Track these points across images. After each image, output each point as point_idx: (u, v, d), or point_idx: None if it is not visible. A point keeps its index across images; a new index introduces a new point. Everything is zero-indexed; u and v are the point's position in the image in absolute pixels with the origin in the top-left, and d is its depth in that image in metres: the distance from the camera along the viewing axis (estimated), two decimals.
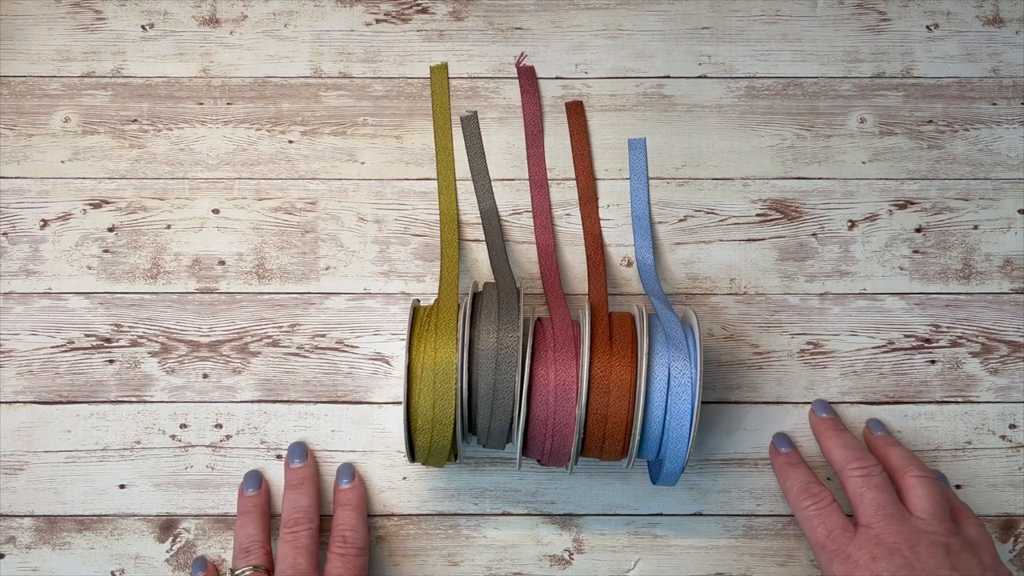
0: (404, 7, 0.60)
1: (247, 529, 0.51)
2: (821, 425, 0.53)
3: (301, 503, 0.51)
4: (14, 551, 0.53)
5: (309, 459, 0.53)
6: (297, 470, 0.53)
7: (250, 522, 0.52)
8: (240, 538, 0.51)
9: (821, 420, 0.54)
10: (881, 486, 0.48)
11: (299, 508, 0.51)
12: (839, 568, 0.47)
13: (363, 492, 0.53)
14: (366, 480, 0.54)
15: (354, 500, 0.52)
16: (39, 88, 0.58)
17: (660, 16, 0.60)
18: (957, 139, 0.58)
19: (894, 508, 0.47)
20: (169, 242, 0.57)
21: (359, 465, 0.55)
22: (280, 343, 0.56)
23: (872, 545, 0.46)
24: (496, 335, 0.47)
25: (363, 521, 0.51)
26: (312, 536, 0.50)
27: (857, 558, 0.46)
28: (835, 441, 0.51)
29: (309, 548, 0.49)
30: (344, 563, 0.49)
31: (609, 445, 0.48)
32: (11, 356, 0.55)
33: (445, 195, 0.57)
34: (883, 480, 0.49)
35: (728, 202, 0.57)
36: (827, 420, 0.54)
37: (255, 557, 0.50)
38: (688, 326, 0.49)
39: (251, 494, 0.53)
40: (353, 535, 0.50)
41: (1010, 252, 0.57)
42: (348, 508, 0.52)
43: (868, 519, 0.47)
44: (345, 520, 0.51)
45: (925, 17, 0.60)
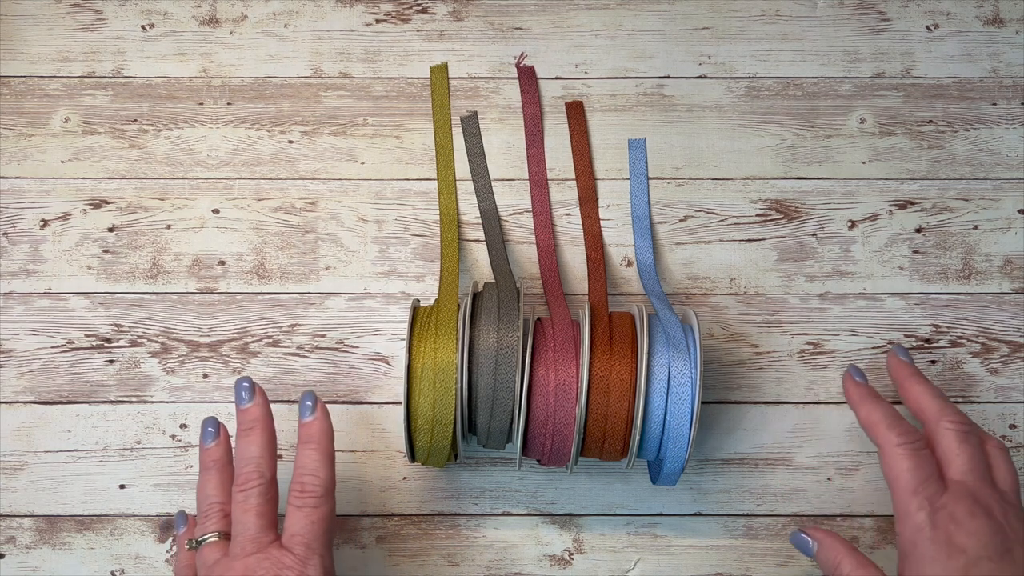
0: (404, 7, 0.60)
1: (205, 489, 0.46)
2: (905, 370, 0.50)
3: (250, 453, 0.44)
4: (14, 551, 0.53)
5: (258, 396, 0.46)
6: (245, 411, 0.45)
7: (208, 480, 0.46)
8: (199, 500, 0.46)
9: (904, 365, 0.51)
10: (976, 446, 0.46)
11: (248, 460, 0.44)
12: (932, 518, 0.44)
13: (326, 426, 0.45)
14: (365, 480, 0.54)
15: (315, 436, 0.44)
16: (39, 88, 0.58)
17: (660, 16, 0.60)
18: (957, 139, 0.58)
19: (984, 470, 0.46)
20: (169, 242, 0.57)
21: (358, 466, 0.55)
22: (280, 343, 0.56)
23: (970, 502, 0.44)
24: (496, 335, 0.47)
25: (325, 462, 0.44)
26: (263, 493, 0.43)
27: (954, 511, 0.44)
28: (924, 388, 0.49)
29: (260, 508, 0.43)
30: (301, 516, 0.43)
31: (609, 445, 0.48)
32: (11, 356, 0.55)
33: (445, 195, 0.57)
34: (978, 440, 0.47)
35: (728, 202, 0.57)
36: (910, 366, 0.51)
37: (213, 522, 0.44)
38: (688, 326, 0.49)
39: (209, 446, 0.47)
40: (313, 480, 0.43)
41: (1010, 252, 0.57)
42: (309, 447, 0.44)
43: (963, 475, 0.45)
44: (304, 463, 0.44)
45: (925, 17, 0.60)
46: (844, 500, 0.54)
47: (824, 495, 0.54)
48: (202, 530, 0.44)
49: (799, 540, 0.49)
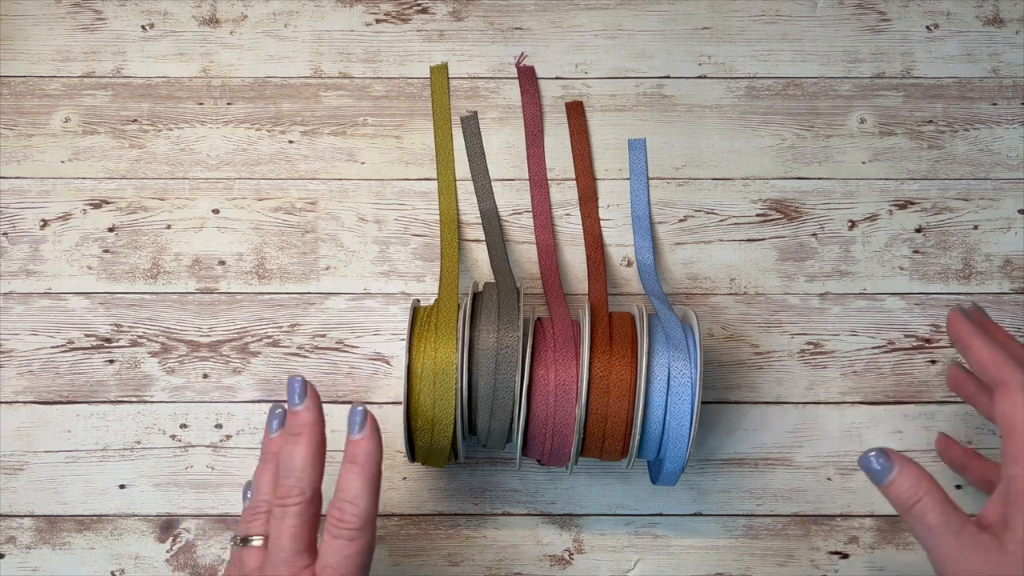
0: (404, 7, 0.60)
1: (259, 482, 0.42)
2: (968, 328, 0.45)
3: (293, 464, 0.41)
4: (14, 551, 0.53)
5: (309, 399, 0.42)
6: (295, 414, 0.42)
7: (264, 473, 0.43)
8: (252, 490, 0.43)
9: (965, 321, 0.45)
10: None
11: (289, 471, 0.40)
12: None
13: (372, 447, 0.40)
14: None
15: (361, 458, 0.40)
16: (39, 88, 0.58)
17: (660, 16, 0.60)
18: (957, 139, 0.58)
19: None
20: (169, 242, 0.57)
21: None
22: (280, 343, 0.56)
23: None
24: (496, 335, 0.47)
25: (367, 490, 0.40)
26: (300, 514, 0.40)
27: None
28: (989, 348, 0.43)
29: (295, 531, 0.39)
30: (336, 548, 0.39)
31: (609, 445, 0.48)
32: (11, 356, 0.55)
33: (445, 195, 0.57)
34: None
35: (728, 202, 0.57)
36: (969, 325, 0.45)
37: (259, 524, 0.41)
38: (688, 326, 0.49)
39: (272, 435, 0.43)
40: (352, 510, 0.39)
41: (1010, 252, 0.57)
42: (352, 470, 0.40)
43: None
44: (345, 487, 0.40)
45: (925, 17, 0.60)
46: (844, 500, 0.54)
47: (824, 495, 0.54)
48: (246, 530, 0.42)
49: (873, 463, 0.41)
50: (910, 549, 0.54)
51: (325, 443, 0.42)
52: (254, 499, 0.42)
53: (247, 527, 0.42)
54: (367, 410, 0.41)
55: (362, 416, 0.41)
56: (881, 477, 0.41)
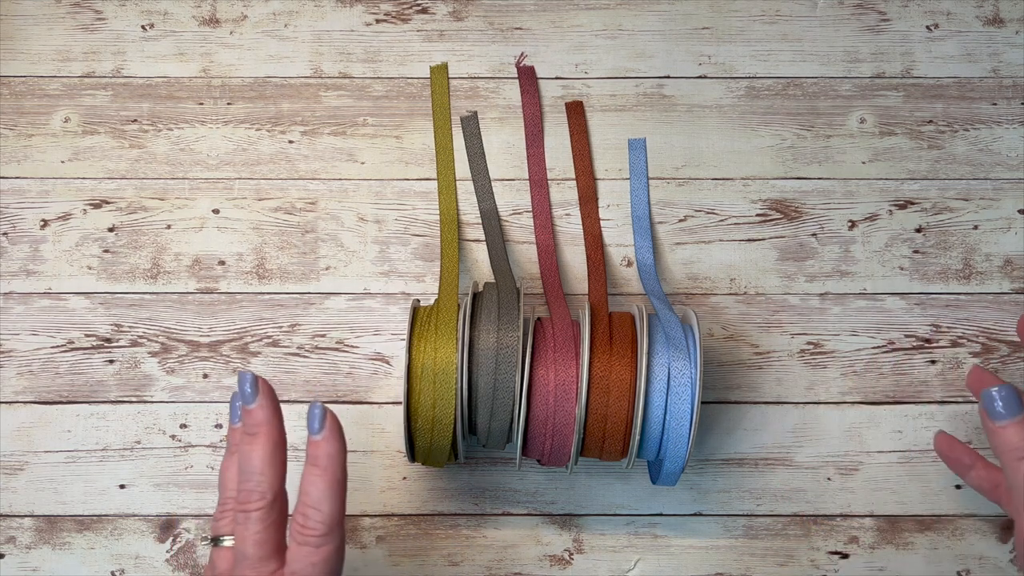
0: (404, 7, 0.60)
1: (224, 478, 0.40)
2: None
3: (251, 466, 0.38)
4: (14, 551, 0.53)
5: (262, 396, 0.39)
6: (249, 412, 0.39)
7: (229, 468, 0.41)
8: (220, 486, 0.41)
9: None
10: None
11: (248, 474, 0.38)
12: None
13: (334, 448, 0.38)
14: (365, 480, 0.54)
15: (322, 460, 0.38)
16: (39, 88, 0.58)
17: (660, 16, 0.60)
18: (957, 139, 0.58)
19: None
20: (169, 242, 0.57)
21: (358, 466, 0.55)
22: (280, 343, 0.56)
23: None
24: (496, 335, 0.47)
25: (331, 493, 0.38)
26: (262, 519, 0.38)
27: None
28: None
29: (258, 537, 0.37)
30: (302, 555, 0.37)
31: (609, 445, 0.48)
32: (11, 356, 0.55)
33: (445, 195, 0.57)
34: None
35: (728, 202, 0.57)
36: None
37: (226, 524, 0.39)
38: (688, 326, 0.49)
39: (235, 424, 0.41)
40: (315, 516, 0.37)
41: (1010, 252, 0.57)
42: (314, 473, 0.38)
43: None
44: (308, 490, 0.38)
45: (925, 17, 0.60)
46: (844, 500, 0.54)
47: (824, 495, 0.54)
48: (217, 529, 0.40)
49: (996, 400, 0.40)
50: (910, 549, 0.54)
51: (284, 440, 0.39)
52: (222, 495, 0.41)
53: (217, 526, 0.40)
54: (327, 408, 0.39)
55: (321, 415, 0.38)
56: (999, 416, 0.40)
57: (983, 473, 0.49)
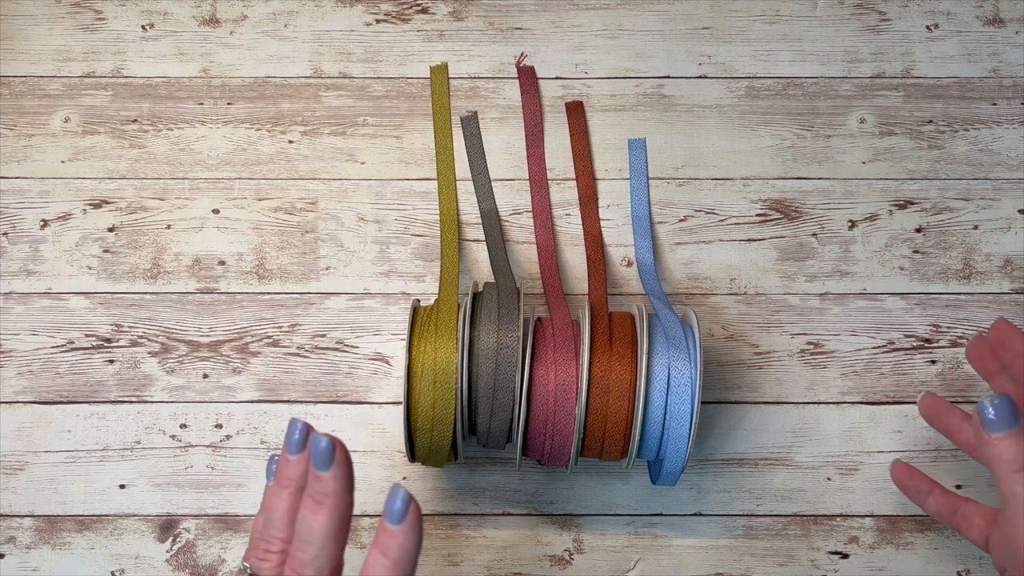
0: (404, 7, 0.60)
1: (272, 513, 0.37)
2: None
3: (313, 535, 0.35)
4: (14, 551, 0.53)
5: (338, 467, 0.35)
6: (321, 480, 0.35)
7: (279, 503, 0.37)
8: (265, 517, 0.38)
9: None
10: None
11: (308, 543, 0.35)
12: None
13: (415, 542, 0.34)
14: (365, 480, 0.54)
15: (395, 551, 0.34)
16: (39, 88, 0.58)
17: (660, 16, 0.60)
18: (957, 139, 0.58)
19: None
20: (169, 242, 0.57)
21: (358, 466, 0.55)
22: (280, 343, 0.56)
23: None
24: (496, 335, 0.47)
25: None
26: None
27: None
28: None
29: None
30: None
31: (609, 445, 0.48)
32: (11, 356, 0.55)
33: (445, 195, 0.57)
34: None
35: (728, 202, 0.57)
36: None
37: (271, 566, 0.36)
38: (688, 326, 0.49)
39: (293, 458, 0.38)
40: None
41: (1010, 252, 0.57)
42: (383, 562, 0.34)
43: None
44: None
45: (925, 17, 0.60)
46: (844, 500, 0.54)
47: (824, 495, 0.54)
48: (258, 567, 0.37)
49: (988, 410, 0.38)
50: (910, 549, 0.54)
51: (351, 514, 0.36)
52: (269, 529, 0.37)
53: (259, 564, 0.37)
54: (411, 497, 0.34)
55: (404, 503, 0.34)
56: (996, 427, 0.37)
57: (941, 499, 0.46)
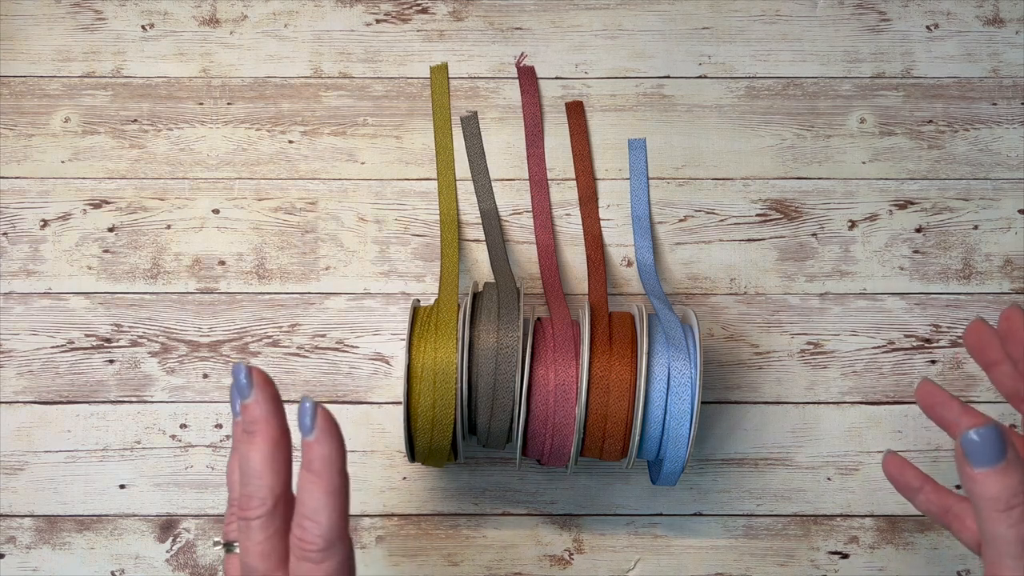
0: (404, 7, 0.60)
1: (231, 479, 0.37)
2: None
3: (251, 467, 0.34)
4: (14, 551, 0.53)
5: (258, 391, 0.34)
6: (247, 408, 0.34)
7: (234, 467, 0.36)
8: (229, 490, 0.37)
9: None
10: None
11: (248, 477, 0.34)
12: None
13: (332, 448, 0.33)
14: (365, 480, 0.54)
15: (316, 463, 0.33)
16: (39, 88, 0.58)
17: (660, 16, 0.60)
18: (957, 139, 0.58)
19: None
20: (169, 242, 0.57)
21: (358, 466, 0.55)
22: (280, 343, 0.56)
23: None
24: (496, 335, 0.47)
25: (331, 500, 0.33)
26: (266, 526, 0.34)
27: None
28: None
29: (261, 547, 0.34)
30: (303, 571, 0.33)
31: (609, 445, 0.48)
32: (11, 356, 0.55)
33: (445, 195, 0.57)
34: None
35: (728, 202, 0.57)
36: None
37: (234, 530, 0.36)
38: (688, 326, 0.49)
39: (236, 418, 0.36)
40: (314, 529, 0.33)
41: (1010, 252, 0.57)
42: (308, 479, 0.33)
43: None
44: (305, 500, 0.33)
45: (925, 17, 0.60)
46: (844, 500, 0.54)
47: (824, 495, 0.54)
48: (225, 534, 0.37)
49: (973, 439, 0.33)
50: (910, 549, 0.54)
51: (286, 437, 0.35)
52: (230, 496, 0.37)
53: (227, 531, 0.37)
54: (318, 405, 0.33)
55: (311, 412, 0.33)
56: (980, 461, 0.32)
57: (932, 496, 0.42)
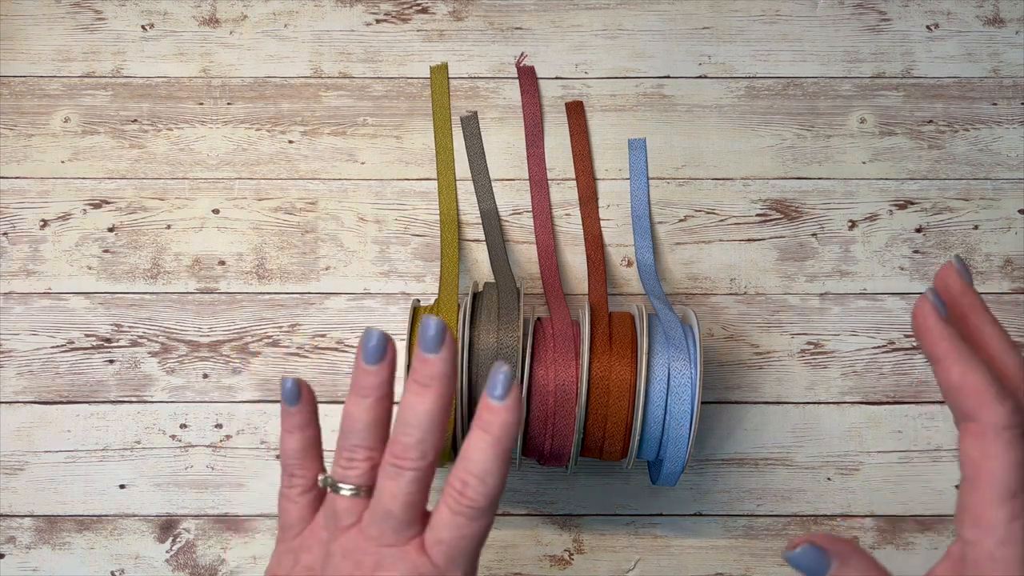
0: (404, 7, 0.60)
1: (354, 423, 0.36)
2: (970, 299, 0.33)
3: (417, 419, 0.34)
4: (14, 551, 0.53)
5: (447, 348, 0.34)
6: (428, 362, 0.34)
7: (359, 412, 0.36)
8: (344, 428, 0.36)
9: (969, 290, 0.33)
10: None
11: (412, 427, 0.34)
12: None
13: (518, 418, 0.34)
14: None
15: (497, 428, 0.33)
16: (39, 88, 0.58)
17: (660, 16, 0.60)
18: (957, 139, 0.58)
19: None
20: (169, 242, 0.57)
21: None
22: (280, 343, 0.56)
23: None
24: (496, 335, 0.47)
25: (499, 465, 0.33)
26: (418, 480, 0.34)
27: None
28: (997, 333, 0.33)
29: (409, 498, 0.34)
30: (454, 525, 0.34)
31: (609, 445, 0.48)
32: (11, 356, 0.55)
33: (445, 195, 0.57)
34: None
35: (728, 202, 0.57)
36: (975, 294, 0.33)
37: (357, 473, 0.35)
38: (688, 326, 0.49)
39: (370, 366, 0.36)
40: (478, 488, 0.33)
41: (1010, 252, 0.57)
42: (485, 439, 0.33)
43: None
44: (474, 456, 0.33)
45: (925, 17, 0.60)
46: (844, 500, 0.54)
47: (824, 495, 0.54)
48: (342, 475, 0.36)
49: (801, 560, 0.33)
50: (910, 549, 0.54)
51: (452, 401, 0.35)
52: (349, 439, 0.36)
53: (344, 472, 0.36)
54: (515, 375, 0.33)
55: (507, 381, 0.33)
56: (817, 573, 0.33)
57: None
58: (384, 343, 0.35)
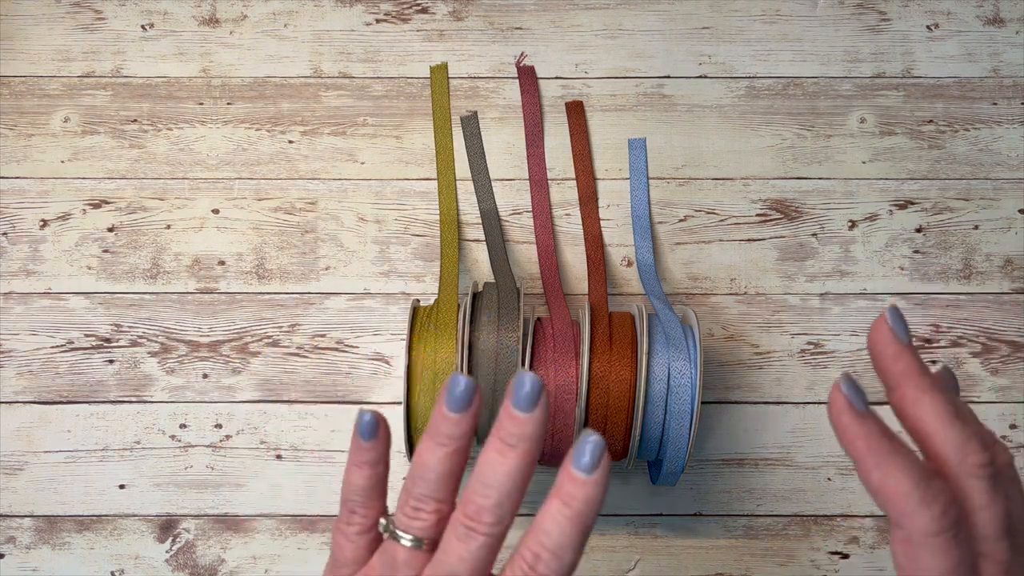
0: (404, 7, 0.60)
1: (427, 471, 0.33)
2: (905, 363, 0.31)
3: (498, 480, 0.31)
4: (14, 551, 0.53)
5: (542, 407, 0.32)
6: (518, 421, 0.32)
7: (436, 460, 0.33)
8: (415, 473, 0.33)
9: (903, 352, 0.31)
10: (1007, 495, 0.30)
11: (491, 489, 0.32)
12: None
13: (603, 494, 0.31)
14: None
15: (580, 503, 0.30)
16: (39, 88, 0.58)
17: (660, 16, 0.60)
18: (957, 139, 0.58)
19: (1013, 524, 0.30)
20: (169, 242, 0.57)
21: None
22: (280, 343, 0.56)
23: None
24: (496, 335, 0.47)
25: (580, 542, 0.31)
26: (490, 546, 0.32)
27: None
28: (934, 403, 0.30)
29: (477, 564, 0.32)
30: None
31: (609, 445, 0.48)
32: (11, 356, 0.55)
33: (445, 195, 0.57)
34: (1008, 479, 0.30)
35: (728, 202, 0.57)
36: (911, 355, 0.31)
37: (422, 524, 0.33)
38: (688, 326, 0.49)
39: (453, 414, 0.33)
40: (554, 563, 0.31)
41: (1010, 252, 0.57)
42: (566, 514, 0.31)
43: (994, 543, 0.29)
44: (553, 531, 0.31)
45: (925, 17, 0.60)
46: (844, 500, 0.54)
47: (824, 495, 0.54)
48: (407, 525, 0.33)
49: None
50: None
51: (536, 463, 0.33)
52: (419, 487, 0.33)
53: (408, 522, 0.33)
54: (604, 446, 0.31)
55: (598, 454, 0.31)
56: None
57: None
58: (472, 391, 0.33)
